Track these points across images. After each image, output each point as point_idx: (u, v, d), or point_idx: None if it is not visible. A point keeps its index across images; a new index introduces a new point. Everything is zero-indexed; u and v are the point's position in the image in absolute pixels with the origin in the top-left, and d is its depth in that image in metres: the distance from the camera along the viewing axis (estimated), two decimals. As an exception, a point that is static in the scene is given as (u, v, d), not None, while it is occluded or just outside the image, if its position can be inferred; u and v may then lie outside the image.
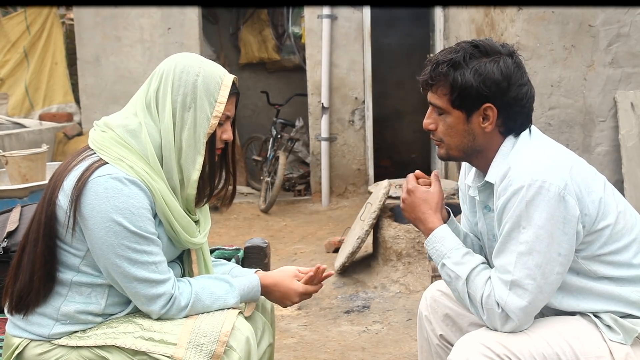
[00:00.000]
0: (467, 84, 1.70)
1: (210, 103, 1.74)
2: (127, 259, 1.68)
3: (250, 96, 8.50)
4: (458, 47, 1.75)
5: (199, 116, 1.74)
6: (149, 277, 1.70)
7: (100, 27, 6.80)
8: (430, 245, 1.83)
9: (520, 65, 1.75)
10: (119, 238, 1.66)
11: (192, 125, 1.74)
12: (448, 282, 1.80)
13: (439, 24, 6.18)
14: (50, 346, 1.74)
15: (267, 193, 6.73)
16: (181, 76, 1.74)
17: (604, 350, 1.68)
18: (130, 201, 1.67)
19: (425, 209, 1.84)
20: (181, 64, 1.76)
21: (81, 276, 1.74)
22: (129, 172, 1.69)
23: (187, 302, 1.76)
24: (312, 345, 3.40)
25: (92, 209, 1.66)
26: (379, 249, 4.39)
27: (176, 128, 1.74)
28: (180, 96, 1.73)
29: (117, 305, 1.78)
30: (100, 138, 1.75)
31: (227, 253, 2.29)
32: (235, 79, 1.81)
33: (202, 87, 1.74)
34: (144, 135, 1.73)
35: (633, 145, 3.90)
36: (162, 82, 1.75)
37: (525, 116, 1.77)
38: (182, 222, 1.78)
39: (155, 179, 1.72)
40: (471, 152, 1.80)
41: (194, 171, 1.76)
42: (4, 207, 2.25)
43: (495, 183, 1.74)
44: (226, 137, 1.81)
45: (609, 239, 1.72)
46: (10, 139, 6.15)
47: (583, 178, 1.70)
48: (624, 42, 3.91)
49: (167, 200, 1.74)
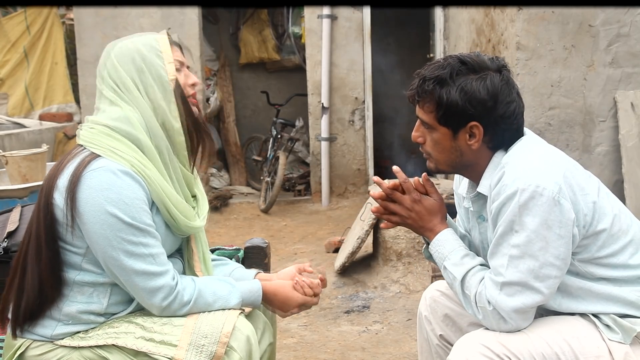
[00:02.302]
0: (452, 102, 1.69)
1: (158, 55, 1.78)
2: (123, 251, 1.67)
3: (250, 96, 8.50)
4: (445, 62, 1.73)
5: (156, 70, 1.77)
6: (147, 269, 1.70)
7: (100, 27, 6.80)
8: (434, 249, 1.83)
9: (508, 82, 1.73)
10: (115, 230, 1.66)
11: (153, 81, 1.77)
12: (450, 284, 1.81)
13: (439, 24, 6.18)
14: (52, 346, 1.74)
15: (267, 193, 6.73)
16: (120, 51, 1.79)
17: (603, 350, 1.68)
18: (124, 192, 1.67)
19: (431, 218, 1.85)
20: (113, 44, 1.82)
21: (84, 275, 1.74)
22: (121, 163, 1.69)
23: (189, 298, 1.76)
24: (312, 345, 3.40)
25: (87, 202, 1.66)
26: (379, 249, 4.39)
27: (143, 95, 1.76)
28: (130, 64, 1.77)
29: (119, 304, 1.78)
30: (89, 133, 1.76)
31: (227, 253, 2.29)
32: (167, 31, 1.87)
33: (142, 47, 1.78)
34: (131, 118, 1.75)
35: (633, 145, 3.90)
36: (108, 66, 1.79)
37: (514, 132, 1.75)
38: (179, 207, 1.79)
39: (148, 166, 1.73)
40: (460, 166, 1.80)
41: (174, 121, 1.78)
42: (4, 207, 2.25)
43: (487, 193, 1.74)
44: (193, 81, 1.85)
45: (606, 242, 1.72)
46: (10, 139, 6.15)
47: (577, 181, 1.70)
48: (624, 42, 3.91)
49: (163, 186, 1.75)
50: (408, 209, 1.85)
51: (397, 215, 1.86)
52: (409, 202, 1.85)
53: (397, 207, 1.86)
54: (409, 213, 1.85)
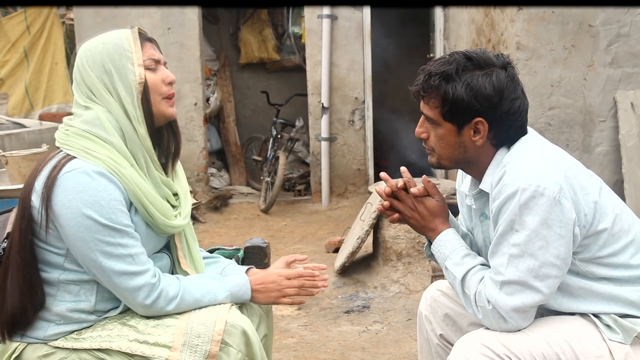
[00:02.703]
0: (458, 98, 1.70)
1: (127, 57, 1.75)
2: (101, 252, 1.67)
3: (250, 96, 8.50)
4: (451, 58, 1.74)
5: (124, 73, 1.75)
6: (126, 269, 1.69)
7: (100, 27, 6.74)
8: (436, 249, 1.84)
9: (514, 78, 1.74)
10: (92, 232, 1.66)
11: (122, 84, 1.75)
12: (452, 284, 1.81)
13: (439, 24, 6.18)
14: (50, 349, 1.74)
15: (267, 193, 6.73)
16: (90, 53, 1.77)
17: (603, 350, 1.68)
18: (100, 194, 1.66)
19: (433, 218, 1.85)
20: (85, 46, 1.80)
21: (67, 274, 1.74)
22: (96, 164, 1.69)
23: (175, 293, 1.76)
24: (312, 345, 3.40)
25: (62, 205, 1.66)
26: (379, 249, 4.39)
27: (115, 99, 1.75)
28: (99, 67, 1.75)
29: (108, 301, 1.78)
30: (65, 135, 1.76)
31: (227, 253, 2.29)
32: (140, 29, 1.82)
33: (111, 49, 1.76)
34: (103, 121, 1.73)
35: (633, 145, 3.90)
36: (81, 69, 1.77)
37: (518, 129, 1.76)
38: (157, 205, 1.78)
39: (123, 165, 1.72)
40: (463, 162, 1.81)
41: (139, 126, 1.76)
42: (4, 207, 2.25)
43: (490, 190, 1.75)
44: (170, 80, 1.82)
45: (606, 241, 1.72)
46: (10, 139, 6.15)
47: (578, 181, 1.70)
48: (624, 42, 3.91)
49: (138, 184, 1.74)
50: (411, 208, 1.86)
51: (400, 214, 1.87)
52: (412, 201, 1.85)
53: (401, 206, 1.86)
54: (412, 213, 1.86)
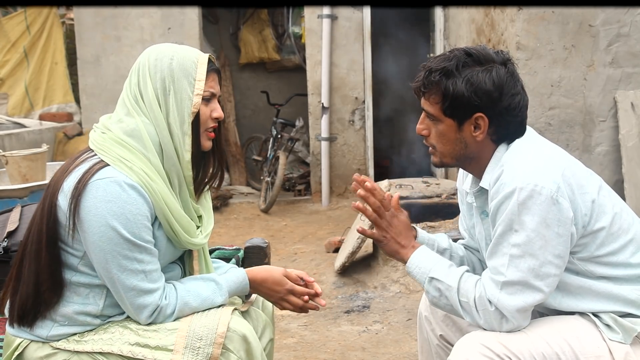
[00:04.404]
0: (458, 94, 1.70)
1: (190, 82, 1.74)
2: (117, 264, 1.67)
3: (250, 96, 8.50)
4: (451, 54, 1.74)
5: (181, 97, 1.74)
6: (137, 285, 1.69)
7: (100, 27, 6.80)
8: (414, 264, 1.82)
9: (513, 74, 1.74)
10: (112, 244, 1.66)
11: (175, 107, 1.73)
12: (437, 297, 1.78)
13: (439, 24, 6.18)
14: (51, 350, 1.74)
15: (267, 193, 6.73)
16: (156, 63, 1.74)
17: (603, 350, 1.68)
18: (128, 207, 1.66)
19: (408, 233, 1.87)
20: (155, 52, 1.77)
21: (79, 276, 1.74)
22: (128, 175, 1.68)
23: (173, 310, 1.75)
24: (312, 345, 3.40)
25: (89, 212, 1.65)
26: (379, 248, 4.39)
27: (164, 115, 1.74)
28: (159, 82, 1.73)
29: (115, 306, 1.77)
30: (101, 139, 1.75)
31: (227, 253, 2.29)
32: (211, 57, 1.81)
33: (178, 68, 1.74)
34: (144, 135, 1.72)
35: (633, 145, 3.90)
36: (140, 74, 1.75)
37: (518, 125, 1.76)
38: (181, 223, 1.78)
39: (154, 179, 1.71)
40: (464, 159, 1.81)
41: (185, 152, 1.75)
42: (4, 207, 2.26)
43: (489, 188, 1.75)
44: (217, 115, 1.80)
45: (605, 240, 1.72)
46: (10, 139, 6.16)
47: (576, 180, 1.70)
48: (624, 42, 3.91)
49: (167, 201, 1.73)
50: (389, 222, 1.86)
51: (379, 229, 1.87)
52: (389, 216, 1.86)
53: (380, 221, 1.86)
54: (388, 227, 1.86)
